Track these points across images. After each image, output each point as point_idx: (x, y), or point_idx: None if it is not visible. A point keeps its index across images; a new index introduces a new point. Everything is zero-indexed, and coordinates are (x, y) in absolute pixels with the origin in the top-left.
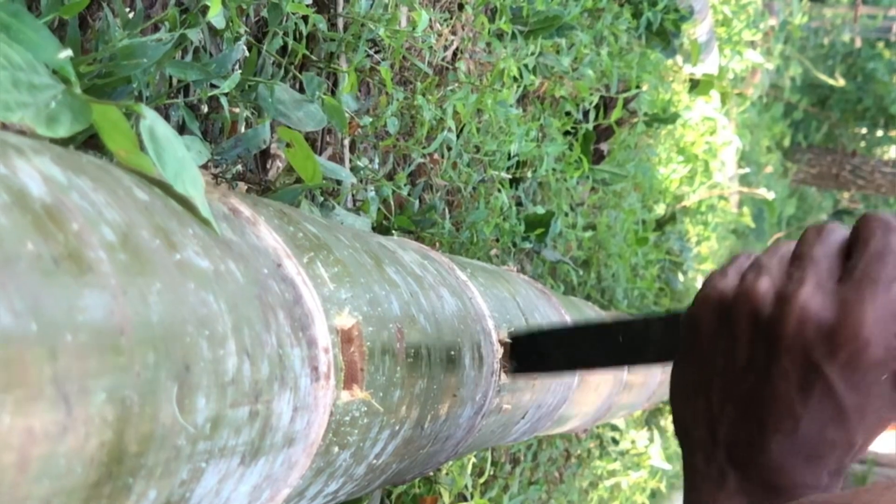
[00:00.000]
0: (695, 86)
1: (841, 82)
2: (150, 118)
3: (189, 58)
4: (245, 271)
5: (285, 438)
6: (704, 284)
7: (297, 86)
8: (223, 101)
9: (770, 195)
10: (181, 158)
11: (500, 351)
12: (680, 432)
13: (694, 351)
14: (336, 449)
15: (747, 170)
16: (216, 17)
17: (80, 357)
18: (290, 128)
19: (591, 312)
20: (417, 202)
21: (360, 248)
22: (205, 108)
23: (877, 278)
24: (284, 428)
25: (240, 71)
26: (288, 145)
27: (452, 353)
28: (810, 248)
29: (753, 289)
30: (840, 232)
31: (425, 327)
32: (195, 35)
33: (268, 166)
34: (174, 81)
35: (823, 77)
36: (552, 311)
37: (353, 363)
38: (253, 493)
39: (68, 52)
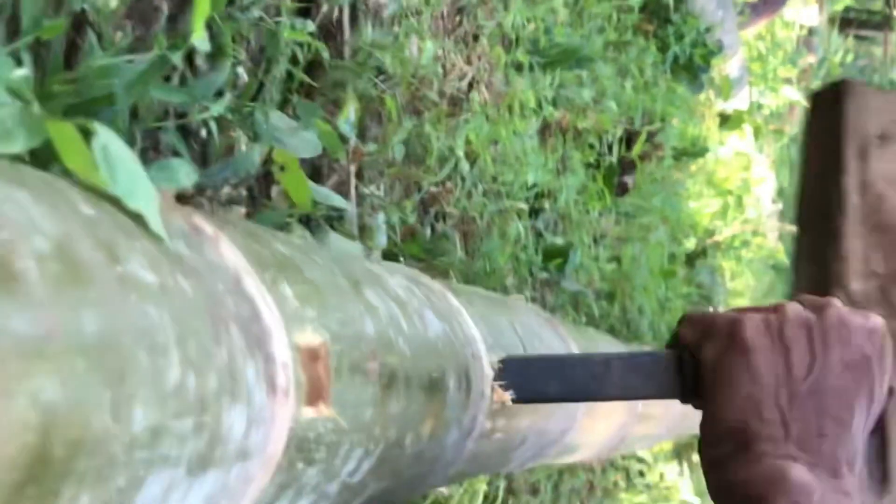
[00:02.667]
0: (725, 121)
1: None
2: (104, 136)
3: (178, 80)
4: (196, 286)
5: (239, 451)
6: (739, 320)
7: None
8: (212, 125)
9: None
10: (134, 175)
11: (490, 375)
12: (736, 437)
13: (750, 367)
14: (301, 465)
15: (779, 206)
16: (201, 40)
17: (1, 361)
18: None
19: (605, 344)
20: (430, 230)
21: (337, 271)
22: (203, 133)
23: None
24: (237, 441)
25: (230, 95)
26: (282, 168)
27: (435, 375)
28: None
29: (793, 306)
30: None
31: (404, 349)
32: (177, 58)
33: (271, 190)
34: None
35: None
36: (557, 340)
37: (319, 380)
38: None
39: (23, 72)
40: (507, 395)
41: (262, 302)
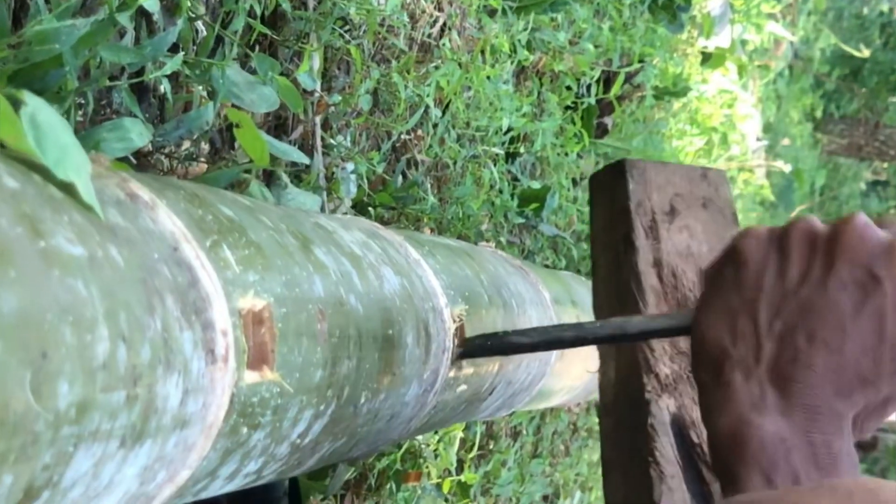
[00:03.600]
0: (707, 59)
1: (865, 53)
2: (33, 105)
3: (130, 39)
4: (129, 256)
5: (176, 420)
6: (742, 232)
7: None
8: (165, 83)
9: (787, 168)
10: (64, 144)
11: (452, 328)
12: (710, 355)
13: (737, 277)
14: (246, 430)
15: (764, 142)
16: (150, 1)
17: None
18: (241, 109)
19: (579, 287)
20: (401, 178)
21: (285, 229)
22: (163, 89)
23: None
24: (174, 410)
25: (182, 53)
26: (237, 126)
27: (390, 332)
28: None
29: (806, 218)
30: None
31: (356, 307)
32: (125, 19)
33: (235, 143)
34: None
35: (848, 49)
36: (527, 287)
37: (263, 344)
38: (144, 474)
39: None
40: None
41: (200, 268)
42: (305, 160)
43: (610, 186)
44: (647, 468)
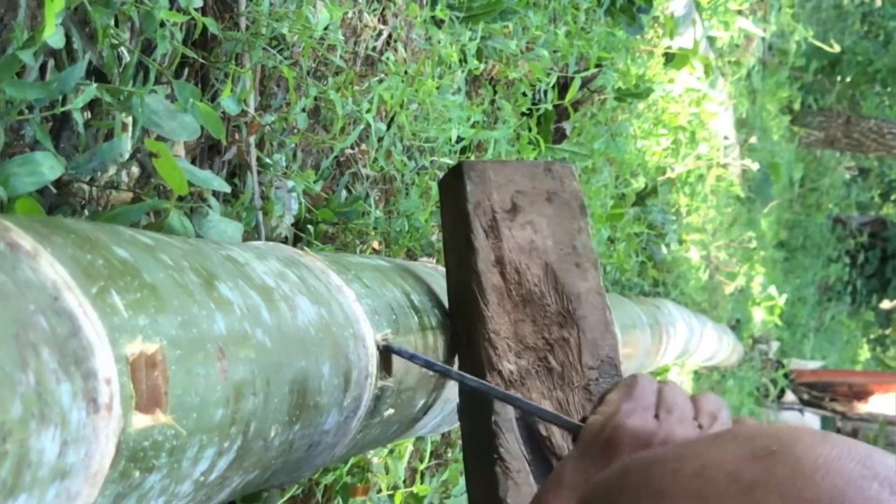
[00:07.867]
0: (670, 59)
1: (836, 48)
2: None
3: (46, 70)
4: (1, 311)
5: (55, 472)
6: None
7: (199, 87)
8: (77, 115)
9: (754, 166)
10: None
11: (375, 354)
12: None
13: None
14: (138, 474)
15: (732, 141)
16: (54, 37)
17: None
18: (163, 138)
19: None
20: (345, 193)
21: (188, 266)
22: (86, 116)
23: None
24: (51, 462)
25: (95, 85)
26: (155, 156)
27: (303, 363)
28: None
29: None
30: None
31: (263, 341)
32: (27, 56)
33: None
34: None
35: (819, 43)
36: None
37: (156, 388)
38: None
39: None
40: (389, 381)
41: (83, 317)
42: (226, 188)
43: (453, 190)
44: (492, 465)
